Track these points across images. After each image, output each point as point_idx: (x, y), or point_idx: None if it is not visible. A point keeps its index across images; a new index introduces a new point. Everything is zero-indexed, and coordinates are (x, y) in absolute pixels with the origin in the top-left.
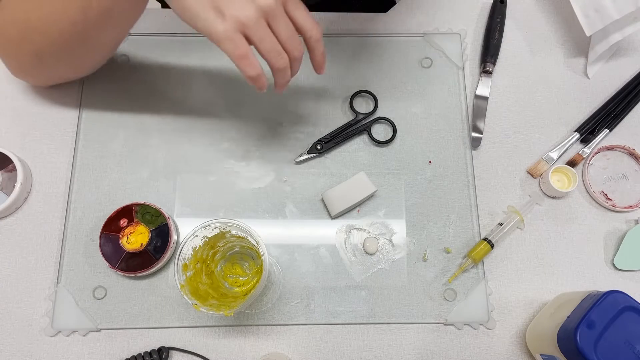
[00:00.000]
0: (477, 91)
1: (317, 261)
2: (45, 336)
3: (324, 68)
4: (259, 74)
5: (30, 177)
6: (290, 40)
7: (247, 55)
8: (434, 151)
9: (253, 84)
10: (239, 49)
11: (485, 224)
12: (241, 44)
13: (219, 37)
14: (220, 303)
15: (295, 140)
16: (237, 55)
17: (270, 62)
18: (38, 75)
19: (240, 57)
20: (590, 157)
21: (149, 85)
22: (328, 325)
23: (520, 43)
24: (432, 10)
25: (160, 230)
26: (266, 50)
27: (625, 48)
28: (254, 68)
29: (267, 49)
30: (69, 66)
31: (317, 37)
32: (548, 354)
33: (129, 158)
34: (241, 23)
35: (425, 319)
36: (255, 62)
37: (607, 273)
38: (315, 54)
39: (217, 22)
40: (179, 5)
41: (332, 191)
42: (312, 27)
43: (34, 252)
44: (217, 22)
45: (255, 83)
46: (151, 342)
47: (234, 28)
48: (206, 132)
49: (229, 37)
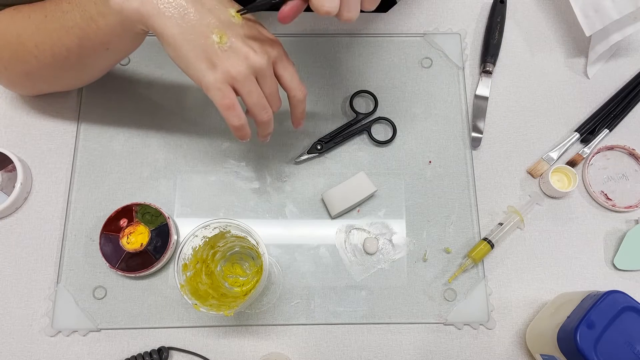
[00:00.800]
0: (477, 91)
1: (317, 261)
2: (45, 336)
3: (301, 124)
4: (242, 124)
5: (30, 177)
6: (271, 97)
7: (234, 106)
8: (434, 151)
9: (236, 133)
10: (226, 99)
11: (485, 224)
12: (228, 94)
13: (208, 86)
14: (220, 303)
15: (295, 140)
16: (224, 105)
17: (255, 115)
18: (27, 90)
19: (227, 107)
20: (590, 157)
21: (149, 85)
22: (328, 325)
23: (520, 43)
24: (432, 10)
25: (160, 230)
26: (253, 104)
27: (625, 48)
28: (239, 118)
29: (253, 102)
30: (60, 85)
31: (300, 98)
32: (548, 354)
33: (129, 158)
34: (231, 77)
35: (425, 319)
36: (240, 113)
37: (607, 273)
38: (295, 112)
39: (209, 73)
40: (174, 52)
41: (332, 191)
42: (297, 88)
43: (34, 252)
44: (208, 73)
45: (237, 132)
46: (151, 342)
47: (224, 80)
48: (206, 132)
49: (218, 87)
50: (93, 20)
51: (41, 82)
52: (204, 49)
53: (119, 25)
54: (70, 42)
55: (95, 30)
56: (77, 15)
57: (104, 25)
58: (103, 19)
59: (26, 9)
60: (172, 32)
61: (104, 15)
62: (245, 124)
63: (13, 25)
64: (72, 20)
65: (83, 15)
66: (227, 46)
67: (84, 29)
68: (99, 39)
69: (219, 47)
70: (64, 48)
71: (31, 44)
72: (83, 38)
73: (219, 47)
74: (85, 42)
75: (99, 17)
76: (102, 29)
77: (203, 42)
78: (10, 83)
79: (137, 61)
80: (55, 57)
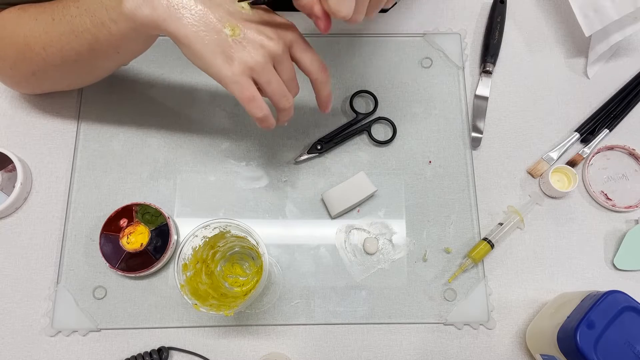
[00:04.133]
0: (477, 91)
1: (317, 261)
2: (45, 336)
3: (329, 108)
4: (265, 115)
5: (30, 177)
6: (290, 82)
7: (254, 98)
8: (434, 151)
9: (260, 124)
10: (246, 91)
11: (485, 224)
12: (247, 86)
13: (227, 80)
14: (220, 303)
15: (295, 140)
16: (245, 98)
17: (276, 104)
18: (32, 89)
19: (248, 100)
20: (590, 157)
21: (149, 85)
22: (328, 325)
23: (520, 43)
24: (432, 10)
25: (160, 230)
26: (273, 92)
27: (625, 48)
28: (261, 109)
29: (273, 91)
30: (66, 84)
31: (323, 80)
32: (548, 354)
33: (129, 158)
34: (249, 68)
35: (425, 319)
36: (261, 104)
37: (607, 273)
38: (320, 96)
39: (226, 67)
40: (189, 52)
41: (332, 191)
42: (318, 70)
43: (34, 252)
44: (225, 67)
45: (262, 124)
46: (151, 342)
47: (241, 72)
48: (206, 132)
49: (236, 80)
50: (104, 26)
51: (47, 82)
52: (218, 44)
53: (132, 31)
54: (80, 47)
55: (106, 35)
56: (87, 21)
57: (117, 31)
58: (115, 25)
59: (32, 9)
60: (184, 33)
61: (116, 22)
62: (269, 114)
63: (20, 26)
64: (82, 25)
65: (93, 20)
66: (240, 38)
67: (95, 35)
68: (110, 43)
69: (233, 39)
70: (74, 52)
71: (38, 46)
72: (94, 43)
73: (233, 40)
74: (96, 46)
75: (111, 23)
76: (114, 34)
77: (216, 38)
78: (15, 83)
79: (138, 61)
80: (65, 59)
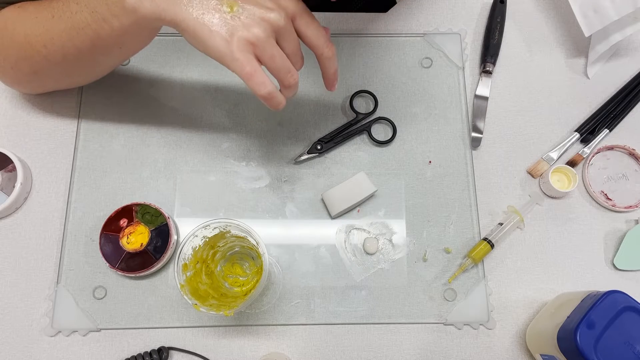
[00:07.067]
0: (477, 91)
1: (317, 261)
2: (45, 336)
3: (335, 86)
4: (269, 91)
5: (30, 177)
6: (293, 56)
7: (255, 73)
8: (434, 151)
9: (267, 103)
10: (247, 66)
11: (485, 224)
12: (248, 62)
13: (227, 59)
14: (220, 303)
15: (295, 140)
16: (246, 73)
17: (281, 80)
18: (33, 89)
19: (249, 76)
20: (590, 157)
21: (149, 84)
22: (328, 325)
23: (520, 43)
24: (432, 10)
25: (160, 230)
26: (276, 68)
27: (625, 48)
28: (264, 86)
29: (277, 67)
30: (68, 83)
31: (329, 55)
32: (548, 354)
33: (129, 158)
34: (250, 43)
35: (425, 319)
36: (264, 80)
37: (607, 273)
38: (326, 72)
39: (224, 45)
40: (192, 38)
41: (332, 191)
42: (324, 45)
43: (34, 252)
44: (223, 45)
45: (268, 102)
46: (151, 342)
47: (242, 47)
48: (206, 132)
49: (236, 57)
50: (106, 22)
51: (49, 80)
52: (217, 23)
53: (134, 25)
54: (82, 43)
55: (108, 31)
56: (87, 17)
57: (119, 26)
58: (117, 20)
59: (32, 7)
60: (183, 18)
61: (117, 17)
62: (274, 91)
63: (20, 25)
64: (83, 21)
65: (94, 16)
66: (239, 13)
67: (96, 30)
68: (112, 39)
69: (231, 16)
70: (75, 48)
71: (39, 44)
72: (96, 39)
73: (232, 17)
74: (97, 42)
75: (113, 18)
76: (116, 30)
77: (217, 17)
78: (16, 82)
79: (138, 61)
80: (66, 57)
